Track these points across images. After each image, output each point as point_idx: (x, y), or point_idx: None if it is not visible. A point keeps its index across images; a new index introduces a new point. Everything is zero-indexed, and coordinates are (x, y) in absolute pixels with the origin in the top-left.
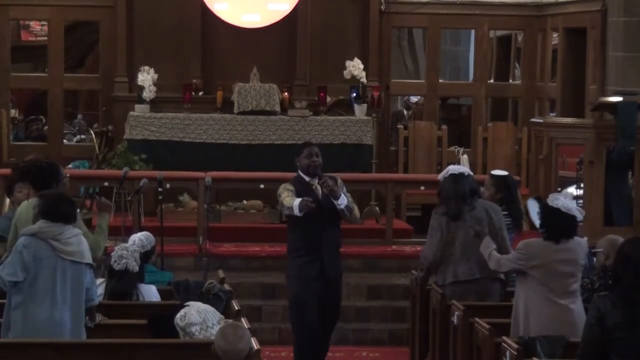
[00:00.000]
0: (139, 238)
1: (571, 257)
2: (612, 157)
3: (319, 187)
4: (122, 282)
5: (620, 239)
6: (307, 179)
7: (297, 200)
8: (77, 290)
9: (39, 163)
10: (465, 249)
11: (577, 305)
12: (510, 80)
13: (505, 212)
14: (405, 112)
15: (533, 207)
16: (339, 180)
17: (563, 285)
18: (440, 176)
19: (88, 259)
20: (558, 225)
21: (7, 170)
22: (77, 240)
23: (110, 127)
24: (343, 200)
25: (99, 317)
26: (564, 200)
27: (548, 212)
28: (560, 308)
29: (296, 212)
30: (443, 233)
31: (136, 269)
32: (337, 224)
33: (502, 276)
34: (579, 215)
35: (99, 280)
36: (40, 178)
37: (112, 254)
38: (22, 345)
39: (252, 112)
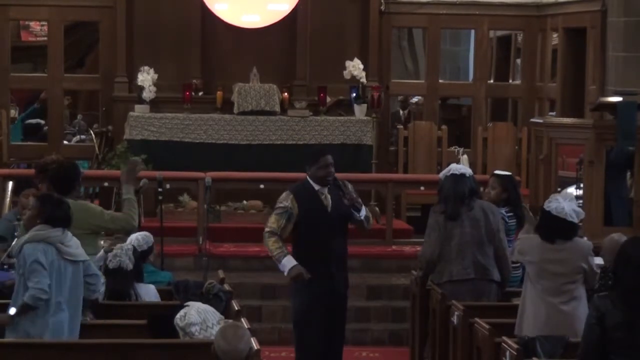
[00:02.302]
0: (136, 237)
1: (566, 258)
2: (610, 158)
3: (328, 196)
4: (117, 281)
5: (624, 238)
6: (316, 187)
7: (291, 262)
8: (74, 288)
9: (63, 163)
10: (461, 249)
11: (570, 306)
12: (510, 80)
13: (510, 214)
14: (401, 112)
15: None
16: (350, 186)
17: (555, 285)
18: (441, 174)
19: (84, 256)
20: (551, 227)
21: (6, 170)
22: (75, 242)
23: (110, 128)
24: (363, 211)
25: (89, 317)
26: (561, 202)
27: (542, 215)
28: (551, 307)
29: (285, 272)
30: (440, 232)
31: (130, 267)
32: (345, 235)
33: (496, 277)
34: (575, 218)
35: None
36: (64, 179)
37: (109, 253)
38: (22, 345)
39: (252, 113)
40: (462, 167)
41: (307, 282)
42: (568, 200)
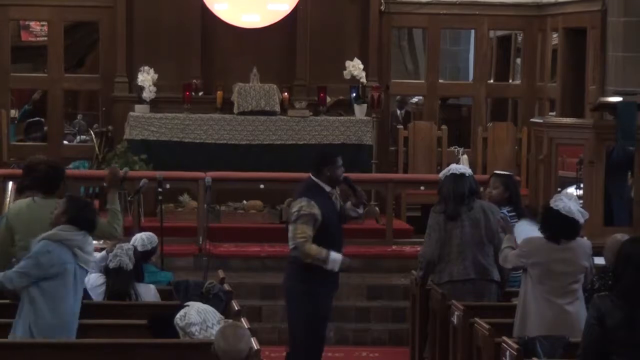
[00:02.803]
0: (141, 237)
1: (570, 257)
2: (612, 157)
3: (338, 197)
4: (117, 280)
5: (627, 237)
6: (327, 188)
7: (338, 255)
8: (80, 292)
9: (50, 164)
10: (461, 249)
11: (574, 307)
12: (510, 80)
13: (512, 213)
14: (398, 112)
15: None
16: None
17: (560, 285)
18: (441, 174)
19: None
20: (558, 227)
21: (6, 171)
22: (93, 249)
23: (110, 128)
24: (362, 208)
25: None
26: (567, 201)
27: (548, 214)
28: (557, 308)
29: (335, 268)
30: (441, 232)
31: (130, 266)
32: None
33: (497, 277)
34: (581, 218)
35: (100, 281)
36: (52, 180)
37: (109, 253)
38: (23, 346)
39: (252, 113)
40: (462, 167)
41: (323, 280)
42: (573, 201)
